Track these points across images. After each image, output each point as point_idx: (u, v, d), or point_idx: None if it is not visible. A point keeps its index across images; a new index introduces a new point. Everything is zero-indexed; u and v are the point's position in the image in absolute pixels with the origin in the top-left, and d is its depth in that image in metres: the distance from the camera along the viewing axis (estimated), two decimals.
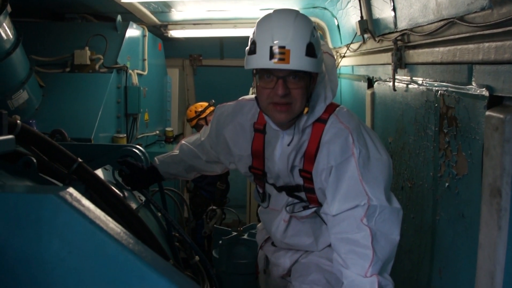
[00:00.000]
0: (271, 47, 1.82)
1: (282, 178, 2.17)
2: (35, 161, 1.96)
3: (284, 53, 1.81)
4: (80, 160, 2.13)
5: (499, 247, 1.86)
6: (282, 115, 1.94)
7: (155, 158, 2.67)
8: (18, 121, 1.98)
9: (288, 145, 2.05)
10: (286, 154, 2.07)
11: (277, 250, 2.42)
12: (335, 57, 5.34)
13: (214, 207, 4.75)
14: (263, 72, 1.91)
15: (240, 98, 2.36)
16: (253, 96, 2.19)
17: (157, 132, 6.22)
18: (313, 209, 2.14)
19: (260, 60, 1.86)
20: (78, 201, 1.09)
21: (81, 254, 1.05)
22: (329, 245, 2.18)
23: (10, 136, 1.74)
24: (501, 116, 1.81)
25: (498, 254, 1.86)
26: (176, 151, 2.64)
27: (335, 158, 1.94)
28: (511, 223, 1.81)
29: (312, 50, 1.85)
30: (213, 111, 5.96)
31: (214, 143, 2.42)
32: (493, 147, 1.88)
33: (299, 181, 2.12)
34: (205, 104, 6.06)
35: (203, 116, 5.96)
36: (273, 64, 1.82)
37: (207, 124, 6.08)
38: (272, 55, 1.81)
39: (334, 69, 2.14)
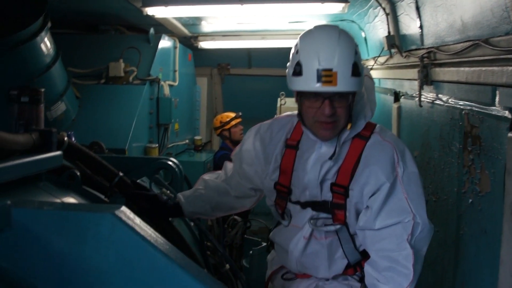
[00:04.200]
0: (317, 70, 1.85)
1: (310, 191, 2.14)
2: (78, 174, 2.10)
3: (331, 75, 1.85)
4: (121, 173, 2.27)
5: None
6: (328, 132, 2.00)
7: (179, 195, 2.45)
8: (66, 138, 2.12)
9: (330, 158, 2.05)
10: (320, 162, 2.08)
11: (287, 285, 2.34)
12: None
13: (235, 217, 4.81)
14: (309, 93, 1.95)
15: (274, 117, 2.40)
16: (287, 114, 2.30)
17: (187, 141, 6.37)
18: (337, 226, 2.11)
19: (308, 83, 1.90)
20: (132, 219, 1.22)
21: (134, 266, 1.18)
22: (342, 274, 2.18)
23: (59, 152, 1.89)
24: None
25: None
26: (201, 188, 2.45)
27: (387, 175, 1.96)
28: None
29: (357, 69, 1.89)
30: (238, 123, 6.08)
31: (247, 168, 2.36)
32: None
33: (327, 196, 2.11)
34: (232, 114, 6.14)
35: (227, 127, 6.04)
36: (321, 87, 1.87)
37: (230, 135, 6.13)
38: (319, 78, 1.86)
39: (373, 91, 2.19)
